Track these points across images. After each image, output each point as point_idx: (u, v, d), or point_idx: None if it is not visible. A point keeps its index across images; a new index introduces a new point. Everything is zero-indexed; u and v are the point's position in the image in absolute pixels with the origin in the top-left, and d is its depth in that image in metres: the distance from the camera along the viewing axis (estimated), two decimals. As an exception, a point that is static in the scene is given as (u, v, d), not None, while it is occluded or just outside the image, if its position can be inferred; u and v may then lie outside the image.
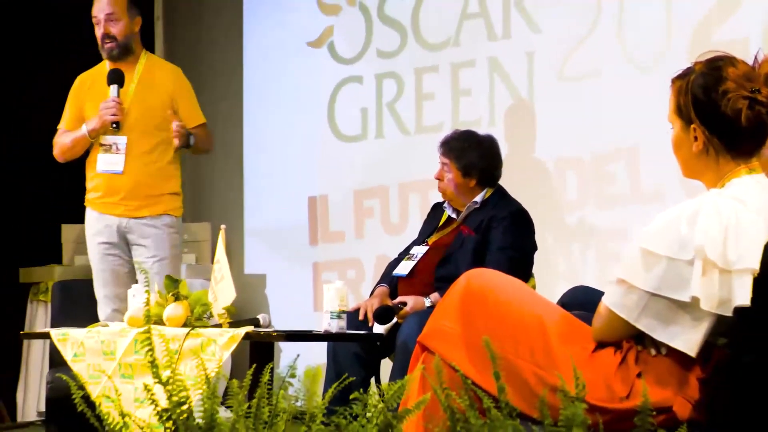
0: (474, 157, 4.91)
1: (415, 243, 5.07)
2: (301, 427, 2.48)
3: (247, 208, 7.34)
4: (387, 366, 4.76)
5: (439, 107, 6.41)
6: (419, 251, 4.97)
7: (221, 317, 4.22)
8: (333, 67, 6.89)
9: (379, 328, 4.65)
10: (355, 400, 2.49)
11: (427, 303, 4.73)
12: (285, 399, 2.55)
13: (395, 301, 4.78)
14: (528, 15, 6.09)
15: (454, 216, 4.99)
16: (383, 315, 4.65)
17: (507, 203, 4.92)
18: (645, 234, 2.69)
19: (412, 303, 4.71)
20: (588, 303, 3.08)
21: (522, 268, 4.76)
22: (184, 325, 4.22)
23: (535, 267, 4.93)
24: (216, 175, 5.70)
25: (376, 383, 4.84)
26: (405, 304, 4.71)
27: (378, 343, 4.74)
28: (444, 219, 5.03)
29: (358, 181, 6.76)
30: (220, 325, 4.21)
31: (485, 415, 2.39)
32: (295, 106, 7.05)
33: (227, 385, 2.57)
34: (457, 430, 2.39)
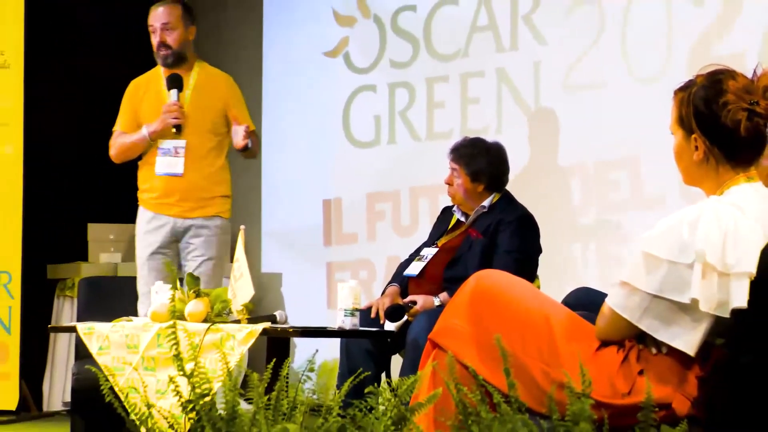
0: (482, 163, 4.92)
1: (426, 245, 5.09)
2: (318, 419, 2.53)
3: (264, 210, 7.36)
4: (397, 362, 4.77)
5: (449, 115, 6.43)
6: (429, 253, 4.99)
7: (240, 313, 4.25)
8: (348, 76, 6.92)
9: (390, 326, 4.67)
10: (369, 393, 2.55)
11: (437, 302, 4.75)
12: (303, 392, 2.62)
13: (406, 300, 4.80)
14: (535, 28, 6.10)
15: (462, 219, 5.01)
16: (394, 313, 4.67)
17: (514, 208, 4.93)
18: (647, 238, 2.71)
19: (422, 302, 4.72)
20: (590, 304, 3.13)
21: (527, 270, 4.77)
22: (205, 321, 4.23)
23: (539, 269, 4.94)
24: (235, 178, 5.76)
25: (386, 378, 4.86)
26: (415, 303, 4.73)
27: (389, 340, 4.75)
28: (453, 222, 5.05)
29: (370, 185, 6.80)
30: (238, 321, 4.23)
31: (495, 410, 2.47)
32: (312, 112, 7.08)
33: (245, 378, 2.62)
34: (468, 423, 2.44)
